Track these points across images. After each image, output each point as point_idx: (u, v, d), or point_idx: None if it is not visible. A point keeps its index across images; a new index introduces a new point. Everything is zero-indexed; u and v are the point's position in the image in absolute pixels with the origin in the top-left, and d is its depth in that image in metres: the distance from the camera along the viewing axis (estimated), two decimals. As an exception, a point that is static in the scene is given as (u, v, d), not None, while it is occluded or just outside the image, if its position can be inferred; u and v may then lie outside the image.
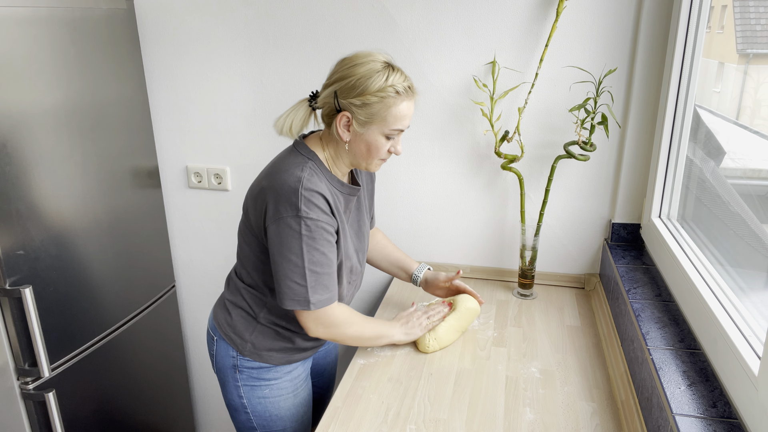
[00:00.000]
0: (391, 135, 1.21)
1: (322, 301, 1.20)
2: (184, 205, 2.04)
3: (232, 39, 1.79)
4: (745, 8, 1.30)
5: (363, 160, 1.25)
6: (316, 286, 1.18)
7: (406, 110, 1.20)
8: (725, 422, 0.93)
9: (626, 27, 1.53)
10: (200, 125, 1.92)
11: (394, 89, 1.17)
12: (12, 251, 1.39)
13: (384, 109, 1.17)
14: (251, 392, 1.35)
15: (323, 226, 1.17)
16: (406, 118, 1.21)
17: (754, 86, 1.23)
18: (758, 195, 1.20)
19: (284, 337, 1.33)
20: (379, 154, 1.24)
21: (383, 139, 1.21)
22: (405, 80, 1.20)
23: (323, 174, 1.23)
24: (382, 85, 1.16)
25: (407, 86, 1.20)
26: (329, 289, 1.21)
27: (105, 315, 1.71)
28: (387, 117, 1.18)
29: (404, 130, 1.23)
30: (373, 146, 1.22)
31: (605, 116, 1.52)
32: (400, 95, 1.18)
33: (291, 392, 1.39)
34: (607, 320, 1.52)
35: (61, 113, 1.51)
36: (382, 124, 1.19)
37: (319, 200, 1.17)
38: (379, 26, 1.68)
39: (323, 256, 1.19)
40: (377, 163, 1.27)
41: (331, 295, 1.22)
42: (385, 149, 1.23)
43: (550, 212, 1.73)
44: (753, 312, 1.06)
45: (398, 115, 1.19)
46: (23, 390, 1.46)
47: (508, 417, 1.20)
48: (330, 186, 1.24)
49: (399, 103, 1.18)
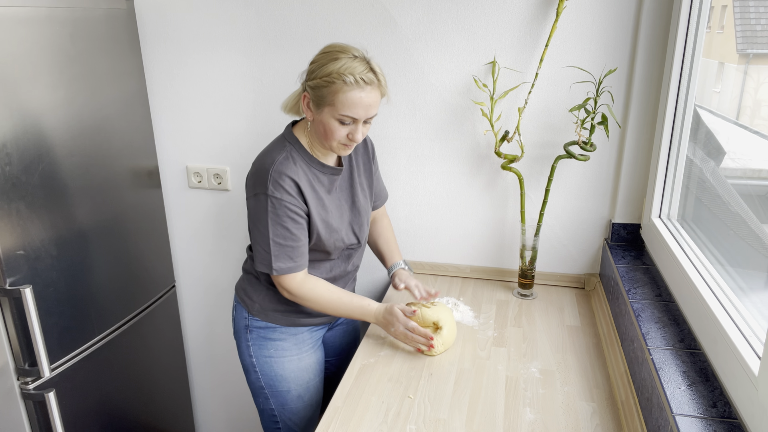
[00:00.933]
0: (343, 120, 1.26)
1: (284, 268, 1.33)
2: (184, 205, 2.03)
3: (232, 39, 1.79)
4: (745, 8, 1.30)
5: (324, 140, 1.31)
6: (279, 255, 1.32)
7: (357, 100, 1.23)
8: (725, 422, 0.93)
9: (626, 27, 1.53)
10: (200, 125, 1.92)
11: (341, 77, 1.22)
12: (12, 251, 1.39)
13: (330, 94, 1.24)
14: (259, 351, 1.48)
15: (287, 205, 1.30)
16: (356, 107, 1.24)
17: (754, 86, 1.23)
18: (758, 195, 1.20)
19: (286, 300, 1.44)
20: (335, 137, 1.29)
21: (336, 123, 1.27)
22: (363, 72, 1.23)
23: (301, 157, 1.35)
24: (332, 70, 1.22)
25: (362, 78, 1.23)
26: (293, 259, 1.34)
27: (105, 315, 1.71)
28: (335, 102, 1.24)
29: (360, 119, 1.27)
30: (327, 129, 1.28)
31: (605, 116, 1.52)
32: (346, 83, 1.22)
33: (295, 354, 1.49)
34: (607, 320, 1.52)
35: (61, 113, 1.51)
36: (331, 108, 1.25)
37: (285, 182, 1.29)
38: (379, 26, 1.68)
39: (286, 230, 1.31)
40: (339, 147, 1.32)
41: (295, 265, 1.34)
42: (341, 134, 1.28)
43: (550, 212, 1.73)
44: (753, 312, 1.06)
45: (346, 102, 1.23)
46: (23, 390, 1.46)
47: (508, 417, 1.20)
48: (308, 168, 1.35)
49: (347, 91, 1.22)
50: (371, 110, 1.27)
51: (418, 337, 1.39)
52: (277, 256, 1.32)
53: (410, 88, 1.71)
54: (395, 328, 1.41)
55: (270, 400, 1.51)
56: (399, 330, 1.40)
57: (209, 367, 2.25)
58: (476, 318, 1.60)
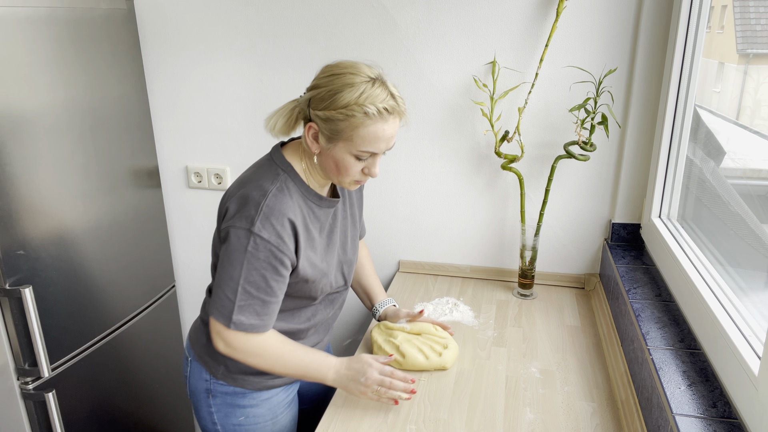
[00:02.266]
0: (360, 156, 1.09)
1: (245, 325, 1.09)
2: (184, 205, 2.03)
3: (232, 39, 1.79)
4: (745, 8, 1.30)
5: (333, 176, 1.14)
6: (245, 306, 1.08)
7: (380, 133, 1.06)
8: (725, 422, 0.93)
9: (626, 27, 1.53)
10: (200, 125, 1.92)
11: (362, 109, 1.04)
12: (12, 251, 1.39)
13: (349, 128, 1.05)
14: (225, 419, 1.26)
15: (272, 249, 1.07)
16: (379, 141, 1.07)
17: (754, 86, 1.23)
18: (758, 195, 1.20)
19: None
20: (349, 174, 1.12)
21: (352, 158, 1.09)
22: (386, 100, 1.06)
23: (297, 187, 1.14)
24: (350, 101, 1.04)
25: (384, 107, 1.05)
26: (259, 316, 1.10)
27: (105, 315, 1.71)
28: (353, 137, 1.06)
29: (379, 153, 1.10)
30: (341, 165, 1.10)
31: (605, 116, 1.52)
32: (369, 116, 1.04)
33: (269, 419, 1.29)
34: (607, 320, 1.52)
35: (61, 113, 1.51)
36: (348, 144, 1.07)
37: (278, 221, 1.08)
38: (379, 26, 1.68)
39: (262, 279, 1.08)
40: (350, 183, 1.15)
41: (259, 324, 1.10)
42: (356, 170, 1.11)
43: (550, 212, 1.73)
44: (753, 312, 1.06)
45: (367, 137, 1.06)
46: (23, 390, 1.46)
47: (508, 417, 1.20)
48: (304, 200, 1.15)
49: (369, 125, 1.05)
50: (392, 141, 1.10)
51: (397, 383, 1.17)
52: (242, 307, 1.08)
53: (410, 88, 1.71)
54: (367, 376, 1.17)
55: None
56: (373, 377, 1.17)
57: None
58: (476, 318, 1.60)
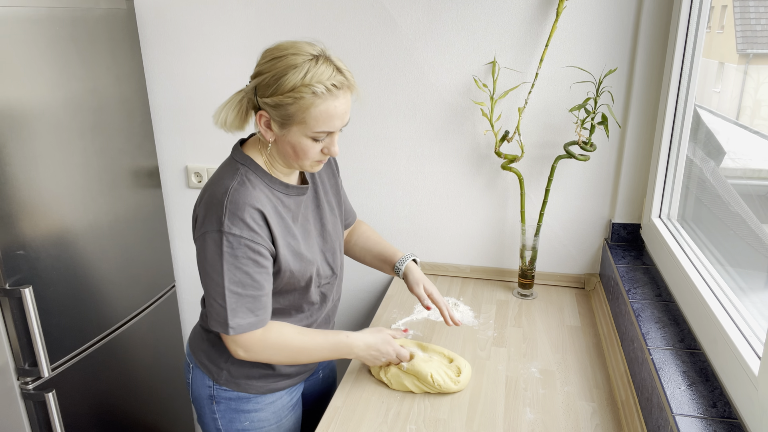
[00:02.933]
0: (317, 137, 1.06)
1: (243, 326, 1.08)
2: (184, 205, 2.03)
3: (232, 39, 1.79)
4: (745, 8, 1.30)
5: (293, 161, 1.11)
6: (237, 308, 1.07)
7: (332, 111, 1.04)
8: (725, 422, 0.93)
9: (626, 27, 1.53)
10: (200, 125, 1.92)
11: (310, 89, 1.01)
12: (12, 251, 1.39)
13: (300, 111, 1.03)
14: (230, 425, 1.26)
15: (247, 243, 1.06)
16: (332, 119, 1.05)
17: (754, 86, 1.23)
18: (758, 195, 1.21)
19: (261, 363, 1.22)
20: (308, 157, 1.09)
21: (308, 141, 1.07)
22: (332, 76, 1.03)
23: (260, 179, 1.12)
24: (296, 83, 1.01)
25: (333, 84, 1.03)
26: (254, 312, 1.09)
27: (105, 315, 1.71)
28: (306, 119, 1.04)
29: (336, 130, 1.08)
30: (299, 149, 1.08)
31: (605, 116, 1.52)
32: (318, 96, 1.02)
33: (274, 423, 1.28)
34: (607, 320, 1.52)
35: (61, 113, 1.51)
36: (302, 126, 1.05)
37: (246, 213, 1.06)
38: (379, 26, 1.68)
39: (246, 276, 1.07)
40: (312, 165, 1.12)
41: (256, 320, 1.10)
42: (315, 151, 1.09)
43: (550, 212, 1.73)
44: (753, 312, 1.06)
45: (320, 117, 1.03)
46: (23, 390, 1.46)
47: (508, 417, 1.20)
48: (270, 190, 1.13)
49: (319, 105, 1.02)
50: (346, 116, 1.08)
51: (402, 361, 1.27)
52: (235, 310, 1.07)
53: (410, 88, 1.71)
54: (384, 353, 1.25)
55: None
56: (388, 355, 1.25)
57: (209, 367, 2.25)
58: (476, 318, 1.60)
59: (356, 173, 1.83)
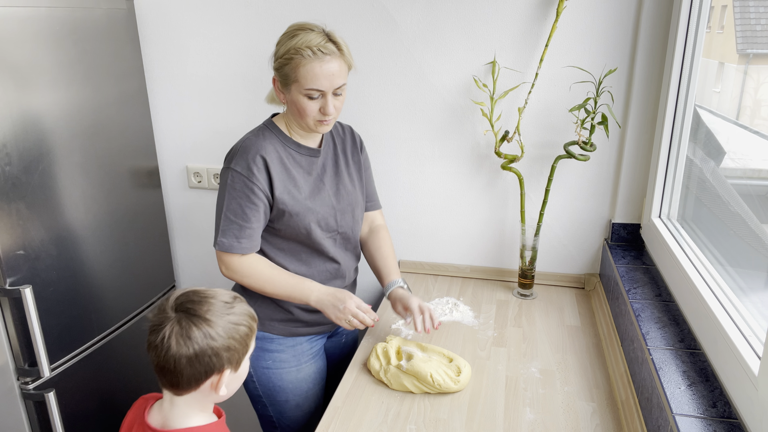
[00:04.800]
0: (309, 95, 1.26)
1: (225, 244, 1.30)
2: (184, 205, 2.03)
3: (232, 39, 1.79)
4: (745, 8, 1.30)
5: (300, 120, 1.31)
6: (226, 230, 1.31)
7: (318, 70, 1.23)
8: (725, 422, 0.93)
9: (626, 27, 1.53)
10: (200, 125, 1.92)
11: (299, 52, 1.23)
12: (12, 251, 1.39)
13: (293, 70, 1.25)
14: (256, 362, 1.42)
15: (244, 180, 1.28)
16: (318, 78, 1.24)
17: (754, 86, 1.23)
18: (758, 195, 1.21)
19: (282, 307, 1.41)
20: (308, 113, 1.28)
21: (304, 99, 1.26)
22: (321, 43, 1.23)
23: (276, 135, 1.34)
24: (290, 47, 1.24)
25: (319, 48, 1.23)
26: (237, 239, 1.30)
27: (105, 315, 1.71)
28: (298, 77, 1.24)
29: (326, 90, 1.25)
30: (299, 106, 1.28)
31: (605, 116, 1.52)
32: (305, 57, 1.23)
33: (294, 366, 1.44)
34: (607, 320, 1.52)
35: (61, 113, 1.51)
36: (297, 85, 1.26)
37: (250, 155, 1.29)
38: (379, 26, 1.68)
39: (239, 207, 1.29)
40: (315, 124, 1.31)
41: (237, 245, 1.30)
42: (313, 109, 1.28)
43: (550, 212, 1.73)
44: (753, 312, 1.06)
45: (307, 75, 1.24)
46: (23, 390, 1.46)
47: (508, 417, 1.20)
48: (282, 146, 1.34)
49: (306, 65, 1.23)
50: (336, 80, 1.26)
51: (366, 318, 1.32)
52: (224, 231, 1.31)
53: (410, 88, 1.71)
54: (346, 306, 1.31)
55: (268, 408, 1.48)
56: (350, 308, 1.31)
57: (209, 367, 2.25)
58: (476, 318, 1.60)
59: (356, 173, 1.83)
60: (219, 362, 0.93)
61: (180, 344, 0.90)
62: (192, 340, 0.90)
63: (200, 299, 0.94)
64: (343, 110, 1.77)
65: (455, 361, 1.33)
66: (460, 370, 1.30)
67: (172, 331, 0.90)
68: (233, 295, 1.00)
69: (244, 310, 0.98)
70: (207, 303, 0.94)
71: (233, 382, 0.99)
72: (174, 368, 0.91)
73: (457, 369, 1.30)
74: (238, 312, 0.96)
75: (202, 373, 0.92)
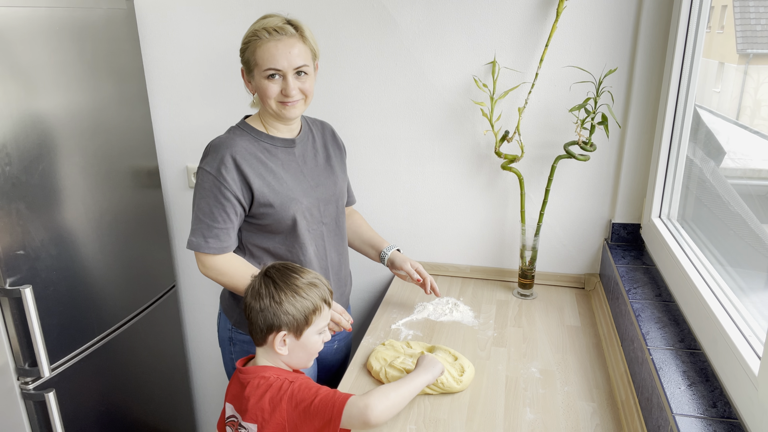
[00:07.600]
0: (269, 75, 1.28)
1: (194, 243, 1.32)
2: (184, 205, 2.03)
3: (232, 39, 1.79)
4: (745, 8, 1.30)
5: (266, 104, 1.32)
6: (195, 229, 1.32)
7: (273, 50, 1.26)
8: (725, 422, 0.93)
9: (626, 27, 1.53)
10: (200, 125, 1.92)
11: (256, 34, 1.27)
12: (12, 251, 1.39)
13: (252, 54, 1.29)
14: None
15: (212, 180, 1.29)
16: (275, 58, 1.26)
17: (754, 86, 1.23)
18: (758, 195, 1.20)
19: None
20: (269, 95, 1.30)
21: (265, 81, 1.29)
22: (277, 24, 1.26)
23: (247, 133, 1.36)
24: (249, 32, 1.29)
25: (274, 29, 1.26)
26: (206, 238, 1.32)
27: (105, 315, 1.71)
28: (257, 60, 1.28)
29: (284, 70, 1.27)
30: (261, 90, 1.30)
31: (605, 116, 1.52)
32: (260, 38, 1.26)
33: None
34: (607, 320, 1.52)
35: (61, 113, 1.51)
36: (257, 69, 1.29)
37: (219, 154, 1.30)
38: (379, 26, 1.68)
39: (207, 207, 1.31)
40: (279, 107, 1.32)
41: (206, 245, 1.31)
42: (274, 91, 1.29)
43: (550, 212, 1.73)
44: (753, 312, 1.06)
45: (264, 55, 1.26)
46: (23, 390, 1.46)
47: (508, 417, 1.20)
48: (255, 141, 1.35)
49: (262, 45, 1.26)
50: (294, 59, 1.27)
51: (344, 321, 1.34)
52: (193, 230, 1.32)
53: (410, 88, 1.71)
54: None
55: None
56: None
57: (210, 367, 2.25)
58: (476, 318, 1.60)
59: (356, 173, 1.83)
60: (277, 321, 1.10)
61: (254, 298, 1.12)
62: (261, 296, 1.11)
63: (284, 271, 1.14)
64: (344, 110, 1.78)
65: (459, 360, 1.33)
66: (463, 369, 1.30)
67: (253, 288, 1.14)
68: (317, 277, 1.16)
69: (318, 292, 1.14)
70: (287, 275, 1.13)
71: (296, 350, 1.14)
72: (248, 317, 1.14)
73: (461, 368, 1.30)
74: (308, 289, 1.13)
75: (265, 328, 1.11)
